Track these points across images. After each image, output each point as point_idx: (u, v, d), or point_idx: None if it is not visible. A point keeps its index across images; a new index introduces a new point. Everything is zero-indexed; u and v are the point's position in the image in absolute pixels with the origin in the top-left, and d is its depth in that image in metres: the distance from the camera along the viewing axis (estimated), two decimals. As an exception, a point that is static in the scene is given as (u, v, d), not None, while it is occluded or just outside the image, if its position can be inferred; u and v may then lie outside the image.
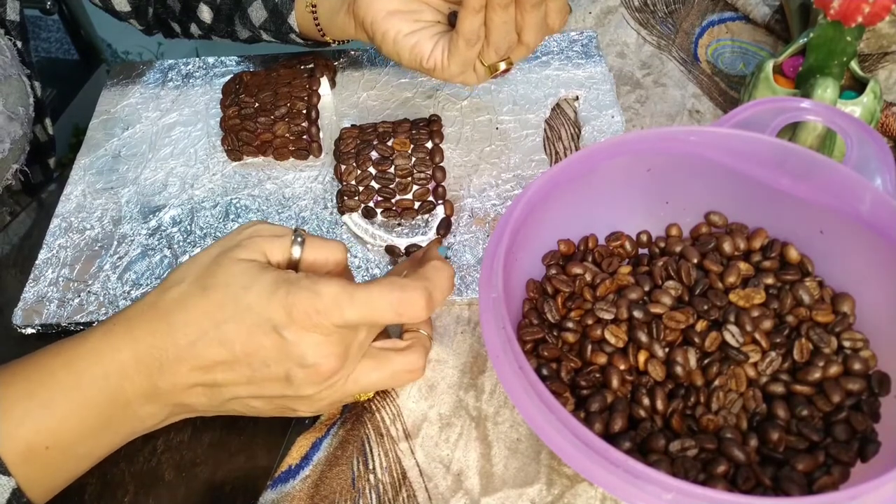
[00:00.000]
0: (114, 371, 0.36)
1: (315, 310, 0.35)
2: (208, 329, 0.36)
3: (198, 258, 0.38)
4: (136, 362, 0.36)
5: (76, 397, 0.36)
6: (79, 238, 0.55)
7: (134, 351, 0.36)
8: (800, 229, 0.46)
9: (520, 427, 0.44)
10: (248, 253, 0.37)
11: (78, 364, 0.36)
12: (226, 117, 0.59)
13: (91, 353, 0.36)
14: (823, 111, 0.46)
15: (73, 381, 0.36)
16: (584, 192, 0.46)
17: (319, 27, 0.59)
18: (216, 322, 0.36)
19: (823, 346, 0.42)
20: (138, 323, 0.37)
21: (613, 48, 0.68)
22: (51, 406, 0.35)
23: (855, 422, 0.39)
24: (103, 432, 0.37)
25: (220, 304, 0.36)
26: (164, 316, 0.36)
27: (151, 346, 0.36)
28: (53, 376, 0.36)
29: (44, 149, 0.68)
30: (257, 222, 0.40)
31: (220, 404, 0.39)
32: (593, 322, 0.43)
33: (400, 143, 0.56)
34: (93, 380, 0.36)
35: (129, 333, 0.37)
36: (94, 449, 0.38)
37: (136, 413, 0.38)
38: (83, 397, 0.36)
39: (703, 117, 0.62)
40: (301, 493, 0.42)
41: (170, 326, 0.36)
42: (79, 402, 0.36)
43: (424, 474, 0.43)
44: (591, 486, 0.42)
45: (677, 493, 0.31)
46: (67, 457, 0.37)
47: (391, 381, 0.41)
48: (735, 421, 0.40)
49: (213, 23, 0.63)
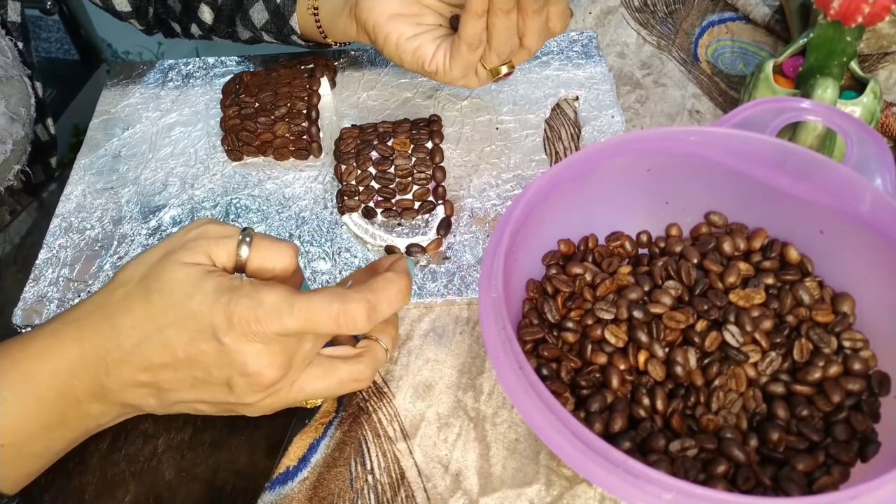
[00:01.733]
0: (63, 369, 0.37)
1: (255, 318, 0.35)
2: (151, 333, 0.36)
3: (144, 258, 0.38)
4: (84, 361, 0.37)
5: (27, 396, 0.36)
6: (79, 238, 0.55)
7: (81, 350, 0.37)
8: (800, 229, 0.46)
9: (518, 427, 0.44)
10: (192, 256, 0.37)
11: (27, 364, 0.37)
12: (226, 117, 0.59)
13: (39, 353, 0.37)
14: (823, 111, 0.46)
15: (23, 380, 0.36)
16: (584, 192, 0.46)
17: (321, 29, 0.59)
18: (159, 327, 0.36)
19: (823, 346, 0.42)
20: (85, 324, 0.37)
21: (613, 48, 0.68)
22: (3, 405, 0.36)
23: (855, 422, 0.39)
24: (57, 429, 0.38)
25: (162, 310, 0.36)
26: (109, 318, 0.37)
27: (97, 346, 0.36)
28: (3, 376, 0.36)
29: (45, 149, 0.68)
30: (206, 221, 0.39)
31: (168, 406, 0.39)
32: (593, 322, 0.43)
33: (400, 143, 0.56)
34: (42, 378, 0.37)
35: (76, 333, 0.37)
36: (51, 445, 0.39)
37: (87, 411, 0.38)
38: (34, 395, 0.36)
39: (703, 117, 0.62)
40: (299, 494, 0.42)
41: (114, 329, 0.36)
42: (30, 400, 0.36)
43: (423, 475, 0.43)
44: (589, 487, 0.42)
45: (677, 493, 0.31)
46: (23, 454, 0.38)
47: (337, 389, 0.40)
48: (735, 421, 0.40)
49: (213, 23, 0.63)
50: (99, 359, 0.37)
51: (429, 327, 0.49)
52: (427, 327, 0.49)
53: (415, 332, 0.49)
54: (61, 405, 0.37)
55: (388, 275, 0.39)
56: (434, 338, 0.48)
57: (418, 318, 0.50)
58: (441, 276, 0.51)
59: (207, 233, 0.38)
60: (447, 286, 0.50)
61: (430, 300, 0.50)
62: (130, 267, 0.38)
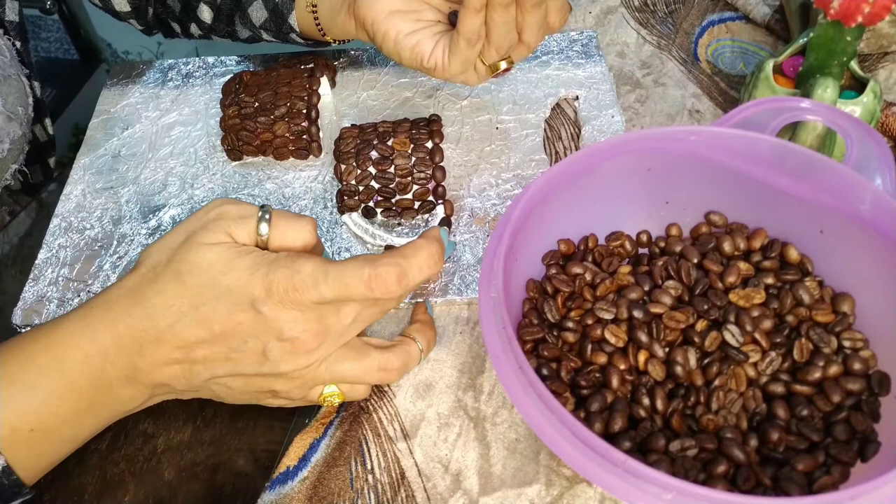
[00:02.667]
0: (94, 353, 0.37)
1: (293, 286, 0.36)
2: (187, 311, 0.36)
3: (165, 242, 0.39)
4: (116, 344, 0.37)
5: (58, 380, 0.36)
6: (78, 238, 0.55)
7: (113, 333, 0.37)
8: (800, 229, 0.46)
9: (518, 427, 0.44)
10: (214, 236, 0.38)
11: (57, 348, 0.37)
12: (226, 117, 0.59)
13: (70, 336, 0.37)
14: (823, 111, 0.46)
15: (53, 365, 0.36)
16: (584, 192, 0.46)
17: (320, 27, 0.59)
18: (194, 305, 0.36)
19: (823, 346, 0.42)
20: (116, 307, 0.37)
21: (613, 48, 0.68)
22: (33, 390, 0.36)
23: (855, 422, 0.39)
24: (86, 415, 0.38)
25: (197, 290, 0.36)
26: (141, 301, 0.37)
27: (130, 327, 0.37)
28: (33, 361, 0.36)
29: (44, 149, 0.68)
30: (224, 201, 0.40)
31: (199, 385, 0.39)
32: (593, 322, 0.43)
33: (400, 143, 0.56)
34: (73, 363, 0.36)
35: (107, 316, 0.37)
36: (78, 431, 0.39)
37: (118, 395, 0.38)
38: (65, 380, 0.36)
39: (703, 117, 0.62)
40: (299, 494, 0.42)
41: (147, 311, 0.37)
42: (61, 385, 0.36)
43: (423, 474, 0.43)
44: (589, 487, 0.42)
45: (677, 493, 0.31)
46: (52, 439, 0.38)
47: (364, 376, 0.41)
48: (735, 421, 0.40)
49: (213, 23, 0.63)
50: (132, 340, 0.37)
51: (429, 327, 0.49)
52: (427, 327, 0.49)
53: (415, 331, 0.49)
54: (92, 390, 0.37)
55: (419, 241, 0.39)
56: (434, 338, 0.48)
57: (418, 318, 0.50)
58: (441, 276, 0.51)
59: (226, 213, 0.39)
60: (447, 286, 0.50)
61: (429, 300, 0.50)
62: (154, 251, 0.38)
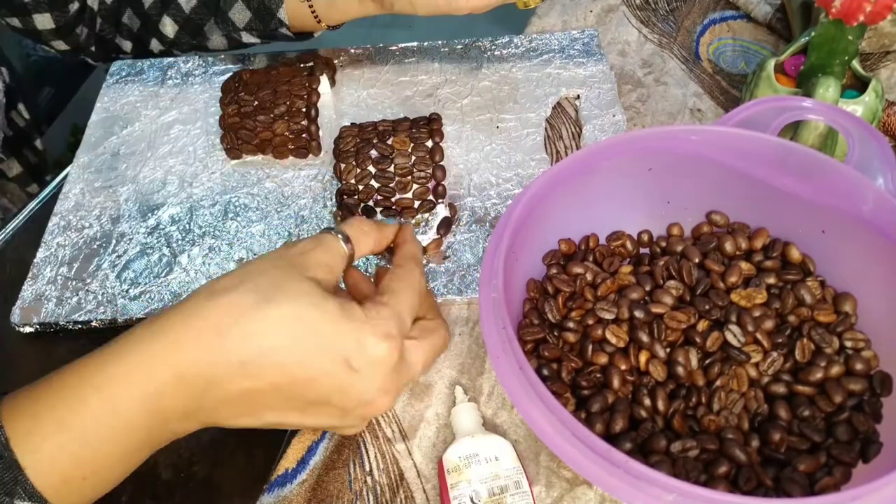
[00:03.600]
0: (152, 392, 0.33)
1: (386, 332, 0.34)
2: (267, 348, 0.33)
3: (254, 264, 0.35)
4: (178, 380, 0.33)
5: (113, 424, 0.33)
6: (77, 237, 0.55)
7: (176, 369, 0.33)
8: (801, 229, 0.46)
9: (518, 428, 0.44)
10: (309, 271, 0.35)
11: (111, 389, 0.33)
12: (225, 115, 0.59)
13: (126, 374, 0.33)
14: (825, 110, 0.46)
15: (108, 409, 0.32)
16: (585, 192, 0.46)
17: (315, 14, 0.59)
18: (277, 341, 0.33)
19: (825, 347, 0.41)
20: (182, 333, 0.33)
21: (615, 47, 0.68)
22: (86, 437, 0.32)
23: (857, 422, 0.39)
24: (137, 453, 0.35)
25: (284, 321, 0.33)
26: (215, 327, 0.33)
27: (197, 361, 0.33)
28: (85, 404, 0.32)
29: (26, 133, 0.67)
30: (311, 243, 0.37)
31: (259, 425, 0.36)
32: (594, 322, 0.43)
33: (400, 142, 0.55)
34: (130, 404, 0.33)
35: (173, 346, 0.33)
36: (128, 468, 0.35)
37: (172, 429, 0.35)
38: (120, 422, 0.33)
39: (704, 116, 0.61)
40: (298, 496, 0.42)
41: (222, 340, 0.32)
42: (115, 427, 0.33)
43: (422, 475, 0.43)
44: (590, 488, 0.41)
45: (679, 494, 0.31)
46: (102, 482, 0.34)
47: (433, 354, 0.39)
48: (736, 421, 0.40)
49: (176, 36, 0.62)
50: (198, 376, 0.33)
51: (429, 327, 0.49)
52: (427, 327, 0.49)
53: (414, 331, 0.49)
54: (147, 430, 0.33)
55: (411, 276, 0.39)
56: (434, 337, 0.48)
57: (418, 318, 0.49)
58: (441, 276, 0.51)
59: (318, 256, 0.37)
60: (447, 286, 0.50)
61: None
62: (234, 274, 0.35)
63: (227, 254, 0.53)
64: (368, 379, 0.34)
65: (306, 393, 0.34)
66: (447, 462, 0.40)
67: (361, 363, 0.34)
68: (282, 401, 0.34)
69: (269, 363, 0.33)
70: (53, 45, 0.63)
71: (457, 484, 0.39)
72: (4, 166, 0.69)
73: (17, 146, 0.68)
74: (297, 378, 0.33)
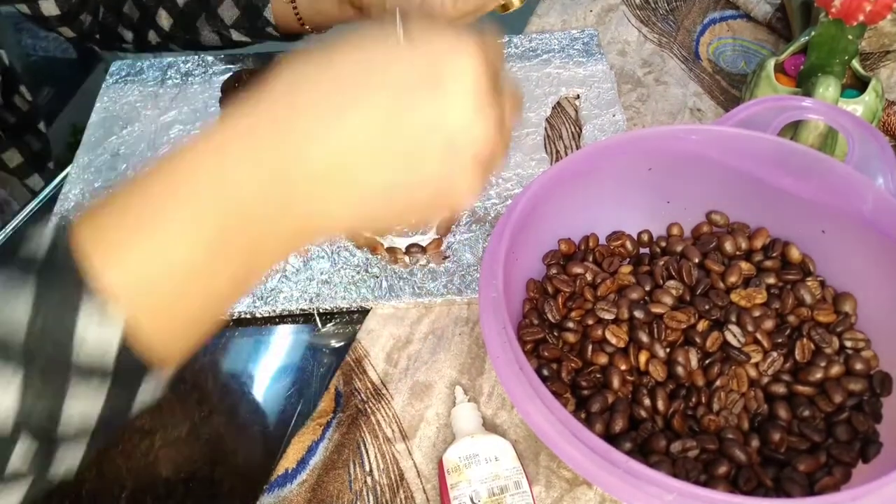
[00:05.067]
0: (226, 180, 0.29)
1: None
2: (347, 98, 0.29)
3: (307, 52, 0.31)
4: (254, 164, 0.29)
5: (189, 214, 0.28)
6: (77, 237, 0.55)
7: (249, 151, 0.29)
8: (801, 229, 0.46)
9: (518, 428, 0.44)
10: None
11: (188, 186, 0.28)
12: (225, 116, 0.59)
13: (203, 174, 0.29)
14: (825, 110, 0.46)
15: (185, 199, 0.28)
16: (585, 192, 0.46)
17: (299, 17, 0.59)
18: (355, 82, 0.29)
19: (825, 347, 0.41)
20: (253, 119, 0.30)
21: (614, 46, 0.68)
22: (163, 227, 0.28)
23: (856, 422, 0.39)
24: (219, 256, 0.29)
25: (356, 62, 0.29)
26: (287, 96, 0.30)
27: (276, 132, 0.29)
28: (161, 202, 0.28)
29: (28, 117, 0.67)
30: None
31: (362, 208, 0.31)
32: (594, 322, 0.43)
33: (399, 142, 0.55)
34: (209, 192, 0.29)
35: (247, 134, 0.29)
36: (212, 283, 0.30)
37: (258, 231, 0.30)
38: (197, 212, 0.28)
39: (704, 116, 0.61)
40: (298, 497, 0.42)
41: (294, 107, 0.29)
42: (193, 216, 0.28)
43: (422, 475, 0.43)
44: (589, 488, 0.41)
45: (679, 494, 0.31)
46: (184, 293, 0.29)
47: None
48: (736, 421, 0.40)
49: (171, 29, 0.62)
50: (278, 148, 0.29)
51: (428, 328, 0.49)
52: (426, 328, 0.49)
53: (414, 333, 0.49)
54: (226, 218, 0.29)
55: None
56: (433, 339, 0.48)
57: (417, 319, 0.49)
58: (441, 276, 0.51)
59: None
60: (447, 286, 0.50)
61: (429, 300, 0.50)
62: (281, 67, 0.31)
63: (227, 254, 0.53)
64: (458, 95, 0.29)
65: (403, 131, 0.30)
66: (447, 462, 0.40)
67: (446, 76, 0.29)
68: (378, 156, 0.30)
69: (352, 113, 0.29)
70: (60, 31, 0.64)
71: (457, 484, 0.39)
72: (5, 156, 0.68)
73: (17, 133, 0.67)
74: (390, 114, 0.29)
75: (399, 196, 0.31)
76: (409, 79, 0.29)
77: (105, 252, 0.27)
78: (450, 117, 0.30)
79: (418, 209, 0.32)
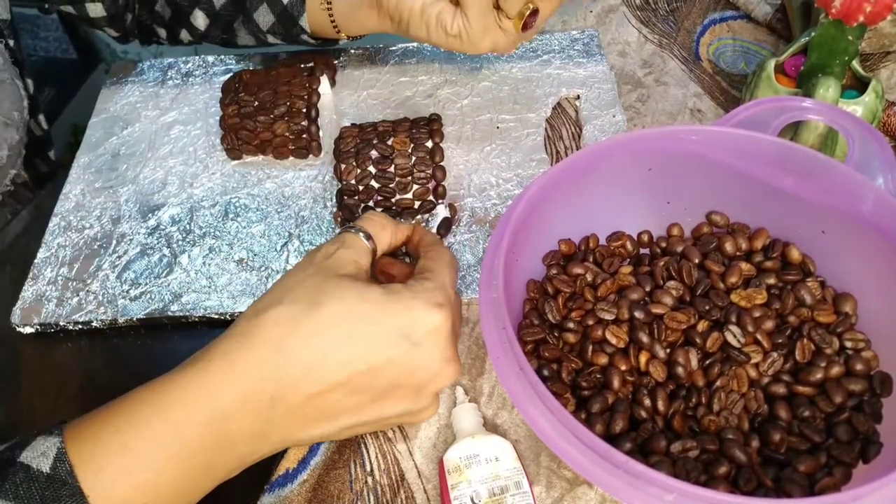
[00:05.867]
0: (216, 416, 0.33)
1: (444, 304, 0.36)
2: (327, 348, 0.33)
3: (288, 278, 0.36)
4: (243, 401, 0.33)
5: (177, 449, 0.32)
6: (77, 237, 0.55)
7: (238, 389, 0.33)
8: (802, 229, 0.46)
9: (518, 429, 0.44)
10: (345, 266, 0.37)
11: (173, 413, 0.33)
12: (225, 116, 0.59)
13: (186, 399, 0.33)
14: (825, 110, 0.46)
15: (170, 432, 0.32)
16: (585, 192, 0.46)
17: (335, 25, 0.59)
18: (336, 340, 0.33)
19: (825, 347, 0.41)
20: (239, 355, 0.34)
21: (615, 47, 0.68)
22: (149, 460, 0.32)
23: (857, 423, 0.39)
24: (203, 480, 0.34)
25: (337, 319, 0.34)
26: (270, 342, 0.33)
27: (260, 379, 0.33)
28: (148, 426, 0.32)
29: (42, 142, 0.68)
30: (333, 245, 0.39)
31: (335, 432, 0.37)
32: (594, 322, 0.43)
33: (400, 142, 0.55)
34: (192, 428, 0.33)
35: (229, 368, 0.33)
36: (193, 498, 0.35)
37: (240, 453, 0.35)
38: (184, 448, 0.33)
39: (704, 116, 0.61)
40: (299, 497, 0.42)
41: (280, 353, 0.33)
42: (179, 453, 0.33)
43: (423, 476, 0.43)
44: (590, 488, 0.41)
45: (679, 495, 0.31)
46: None
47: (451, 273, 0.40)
48: (737, 422, 0.40)
49: (207, 30, 0.63)
50: (262, 393, 0.33)
51: (429, 327, 0.49)
52: (427, 327, 0.49)
53: (415, 332, 0.49)
54: (209, 454, 0.33)
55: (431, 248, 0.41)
56: (434, 338, 0.48)
57: (418, 318, 0.49)
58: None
59: (344, 254, 0.38)
60: (447, 286, 0.50)
61: None
62: (274, 290, 0.36)
63: (228, 254, 0.53)
64: (431, 350, 0.35)
65: (375, 382, 0.35)
66: (448, 462, 0.40)
67: (420, 336, 0.35)
68: (352, 398, 0.35)
69: (331, 363, 0.34)
70: (107, 31, 0.65)
71: (457, 484, 0.39)
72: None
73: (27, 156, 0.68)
74: (362, 370, 0.34)
75: (366, 427, 0.37)
76: (390, 336, 0.34)
77: (87, 463, 0.32)
78: (422, 370, 0.35)
79: (380, 429, 0.39)
